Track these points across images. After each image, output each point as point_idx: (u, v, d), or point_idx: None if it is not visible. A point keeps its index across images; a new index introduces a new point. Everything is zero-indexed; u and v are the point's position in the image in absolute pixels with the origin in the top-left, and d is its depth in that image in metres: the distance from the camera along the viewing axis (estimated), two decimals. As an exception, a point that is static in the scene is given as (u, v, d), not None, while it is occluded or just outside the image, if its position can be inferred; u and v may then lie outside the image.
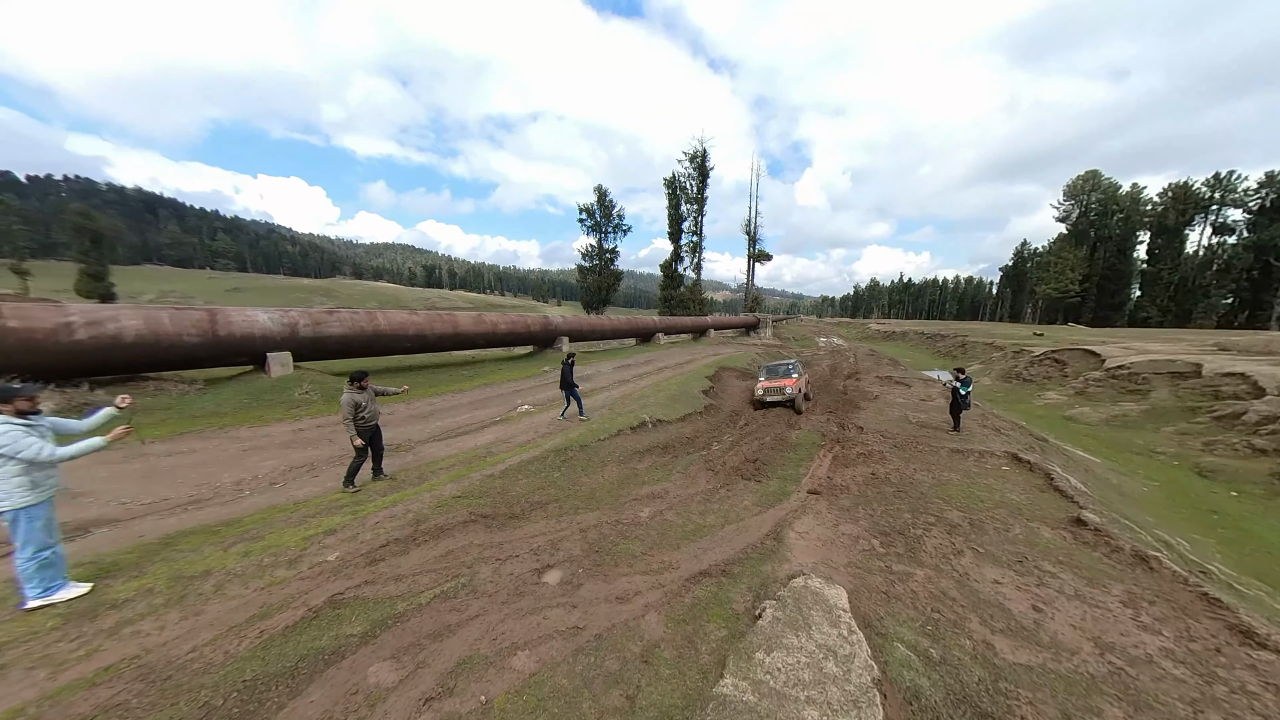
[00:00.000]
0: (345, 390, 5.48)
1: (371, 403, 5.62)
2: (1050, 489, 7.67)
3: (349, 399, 5.37)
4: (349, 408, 5.34)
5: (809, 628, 3.31)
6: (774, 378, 13.47)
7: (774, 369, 14.50)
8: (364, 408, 5.47)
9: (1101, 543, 5.73)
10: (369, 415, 5.54)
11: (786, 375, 13.49)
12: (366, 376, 5.62)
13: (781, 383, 12.70)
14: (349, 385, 5.52)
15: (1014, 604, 4.51)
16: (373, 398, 5.69)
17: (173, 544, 4.16)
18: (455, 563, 4.19)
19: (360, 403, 5.44)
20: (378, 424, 5.76)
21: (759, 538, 5.30)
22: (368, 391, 5.62)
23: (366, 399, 5.53)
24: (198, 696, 2.54)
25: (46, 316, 7.74)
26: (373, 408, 5.62)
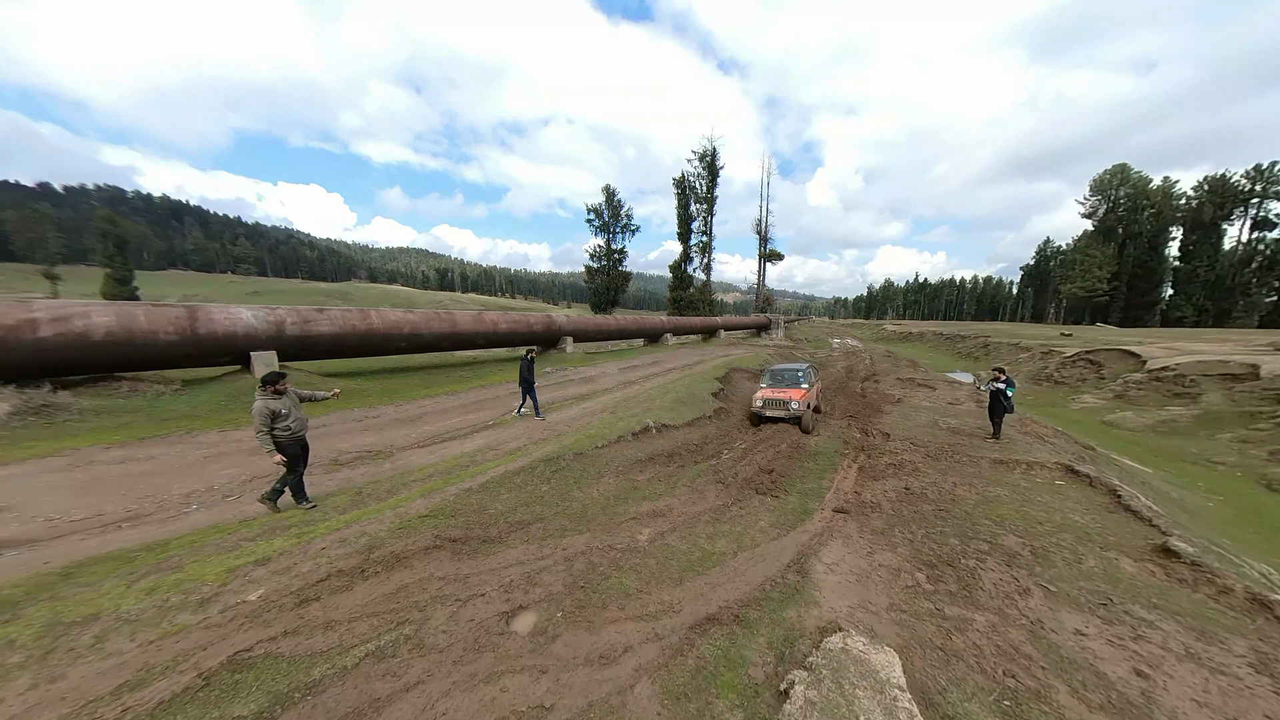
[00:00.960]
0: (257, 396, 4.48)
1: (296, 409, 4.70)
2: (1119, 509, 6.60)
3: (262, 407, 4.39)
4: (262, 417, 4.36)
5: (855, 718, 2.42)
6: (778, 386, 11.11)
7: (779, 374, 11.87)
8: (285, 416, 4.52)
9: (1203, 581, 4.69)
10: (294, 425, 4.59)
11: (794, 384, 11.05)
12: (284, 379, 4.66)
13: (787, 393, 10.31)
14: (260, 390, 4.50)
15: (1109, 666, 3.55)
16: (297, 404, 4.76)
17: (74, 575, 3.47)
18: (406, 603, 3.41)
19: (278, 410, 4.48)
20: (305, 435, 4.83)
21: (779, 570, 4.42)
22: (288, 396, 4.67)
23: (287, 405, 4.59)
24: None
25: (8, 312, 7.26)
26: (299, 415, 4.71)
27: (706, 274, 44.48)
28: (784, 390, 10.61)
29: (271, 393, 4.50)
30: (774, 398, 10.25)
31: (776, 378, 11.76)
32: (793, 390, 10.62)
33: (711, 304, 45.08)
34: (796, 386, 10.94)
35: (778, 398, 10.18)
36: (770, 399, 10.29)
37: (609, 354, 22.16)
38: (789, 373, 11.95)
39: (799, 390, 10.62)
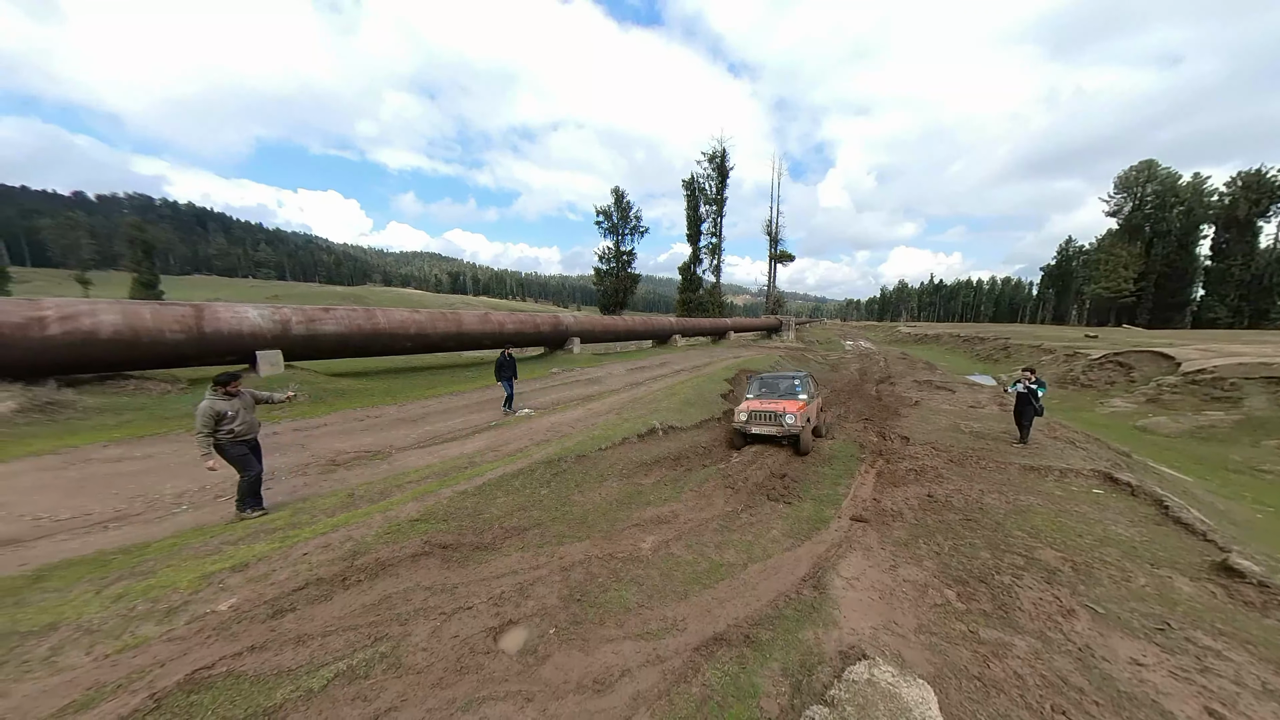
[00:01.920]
0: (206, 395, 4.28)
1: (248, 412, 4.48)
2: (1168, 521, 6.05)
3: (207, 407, 4.18)
4: (204, 418, 4.14)
5: (888, 768, 2.07)
6: (768, 396, 9.17)
7: (770, 383, 9.82)
8: (232, 419, 4.30)
9: (1273, 605, 4.18)
10: (239, 428, 4.34)
11: (789, 394, 9.10)
12: (237, 380, 4.43)
13: (780, 405, 8.36)
14: (211, 390, 4.30)
15: (1176, 704, 3.11)
16: (250, 406, 4.55)
17: (44, 579, 3.29)
18: (387, 615, 3.15)
19: (225, 412, 4.26)
20: (257, 439, 4.62)
21: (793, 584, 4.06)
22: (241, 398, 4.46)
23: (238, 407, 4.37)
24: None
25: (15, 310, 7.30)
26: (248, 418, 4.46)
27: (716, 276, 44.06)
28: (776, 401, 8.65)
29: (222, 394, 4.30)
30: (763, 409, 8.35)
31: (767, 387, 9.72)
32: (787, 402, 8.58)
33: (721, 306, 44.62)
34: (793, 397, 8.95)
35: (768, 409, 8.30)
36: (758, 411, 8.39)
37: (617, 355, 21.90)
38: (783, 381, 9.74)
39: (795, 402, 8.57)
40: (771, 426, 8.21)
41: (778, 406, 8.33)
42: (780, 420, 8.16)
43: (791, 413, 8.13)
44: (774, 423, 8.21)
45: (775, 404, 8.47)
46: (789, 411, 8.14)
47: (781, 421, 8.14)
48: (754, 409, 8.51)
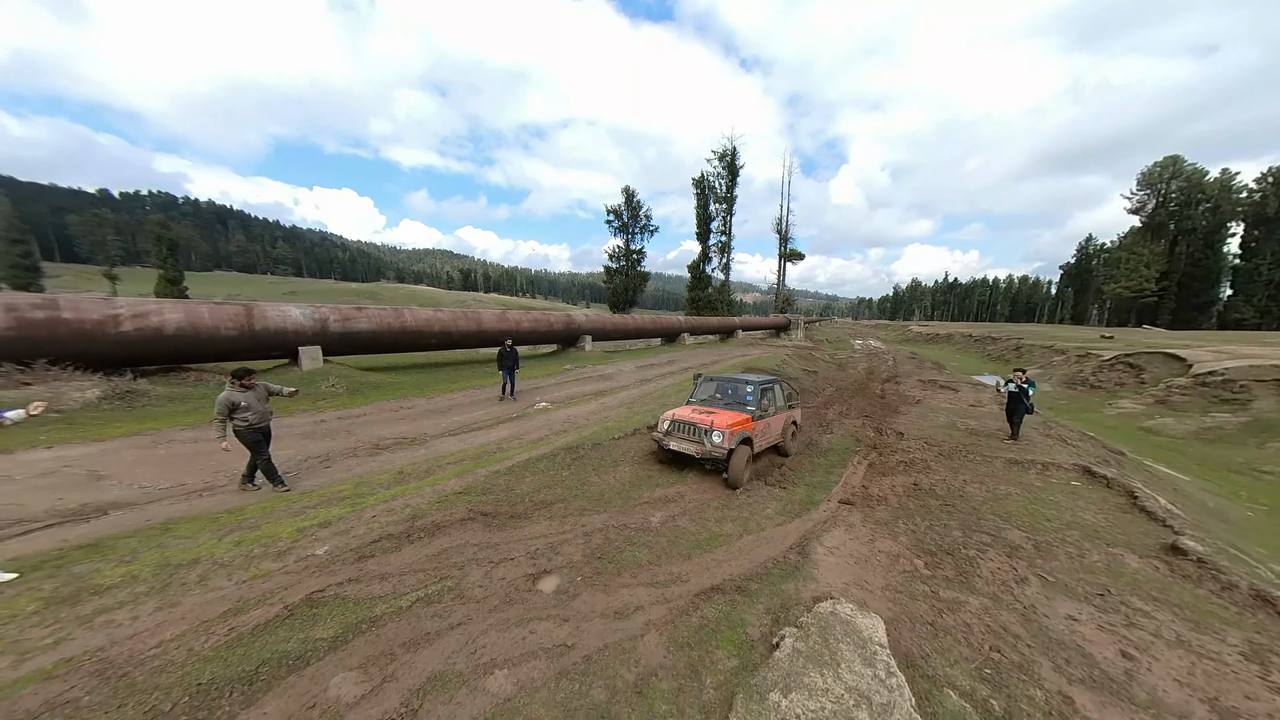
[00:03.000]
0: (226, 387, 4.89)
1: (261, 403, 5.05)
2: (1134, 509, 6.59)
3: (225, 398, 4.78)
4: (221, 406, 4.76)
5: (837, 665, 2.76)
6: (708, 404, 7.61)
7: (721, 387, 8.03)
8: (246, 408, 4.87)
9: (1208, 577, 4.75)
10: (254, 417, 4.91)
11: (736, 404, 7.42)
12: (251, 375, 4.99)
13: (709, 418, 6.61)
14: (230, 382, 4.89)
15: (1097, 648, 3.72)
16: (264, 398, 5.13)
17: (172, 529, 4.12)
18: (446, 563, 3.91)
19: (239, 403, 4.83)
20: (267, 427, 5.16)
21: (781, 551, 4.74)
22: (256, 391, 5.01)
23: (252, 399, 4.94)
24: (147, 699, 2.35)
25: (96, 309, 8.25)
26: (260, 408, 5.02)
27: (725, 274, 44.43)
28: (710, 413, 6.91)
29: (239, 386, 4.92)
30: (688, 421, 6.68)
31: (714, 391, 7.97)
32: (725, 415, 6.80)
33: (730, 304, 44.99)
34: (738, 408, 7.18)
35: (693, 421, 6.60)
36: (682, 422, 6.73)
37: (626, 353, 22.62)
38: (735, 387, 7.85)
39: (734, 416, 6.79)
40: (692, 444, 6.50)
41: (706, 420, 6.55)
42: (704, 437, 6.39)
43: (720, 430, 6.30)
44: (696, 439, 6.52)
45: (705, 416, 6.71)
46: (717, 428, 6.34)
47: (706, 439, 6.36)
48: (680, 418, 6.87)
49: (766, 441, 7.59)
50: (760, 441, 7.29)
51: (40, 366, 7.74)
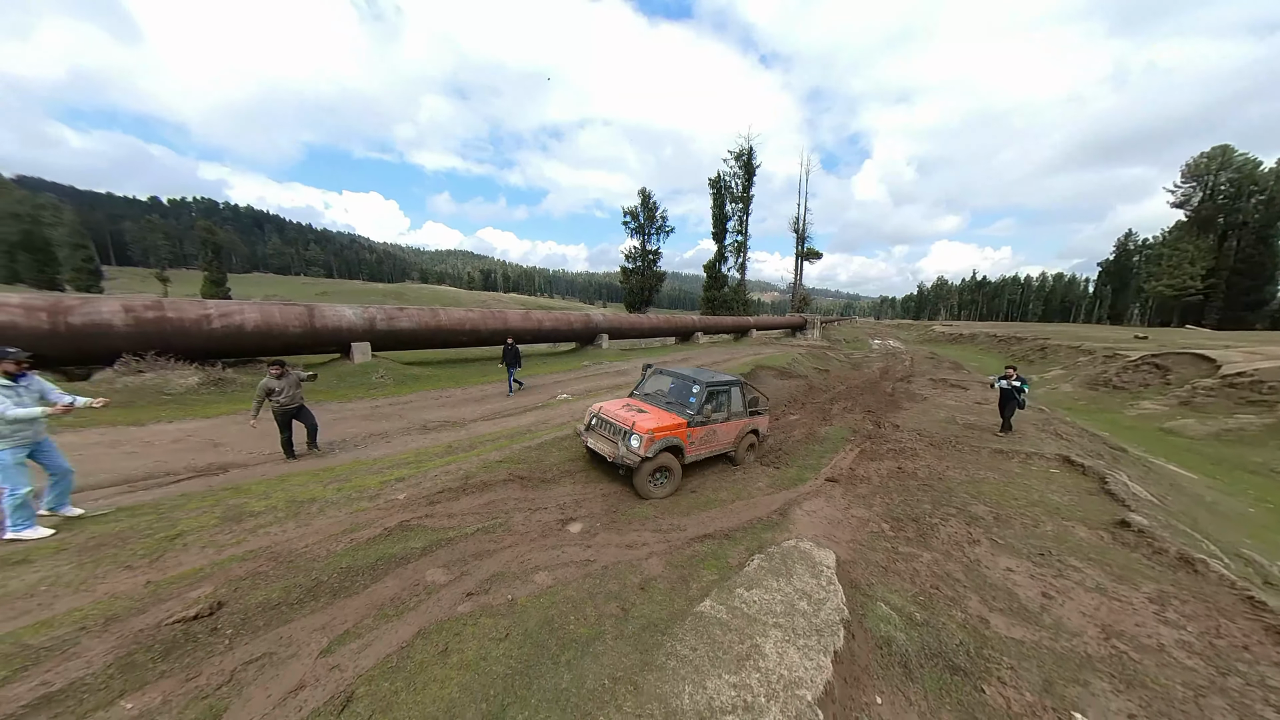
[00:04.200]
0: (266, 374, 6.06)
1: (292, 389, 6.06)
2: (1101, 493, 7.20)
3: (263, 384, 5.94)
4: (260, 390, 5.92)
5: (790, 576, 3.69)
6: (645, 400, 6.91)
7: (673, 384, 7.10)
8: (278, 393, 5.92)
9: (1143, 544, 5.43)
10: (285, 400, 5.99)
11: (675, 405, 6.58)
12: (283, 365, 6.05)
13: (634, 418, 5.89)
14: (269, 370, 6.00)
15: (1023, 590, 4.51)
16: (295, 384, 6.13)
17: (286, 480, 5.34)
18: (495, 509, 5.00)
19: (273, 388, 5.89)
20: (299, 406, 6.22)
21: (766, 513, 5.65)
22: (287, 378, 6.05)
23: (284, 385, 5.98)
24: (310, 573, 3.48)
25: (193, 309, 9.78)
26: (292, 393, 6.05)
27: (741, 273, 44.88)
28: (638, 411, 6.18)
29: (274, 375, 5.99)
30: (612, 418, 6.10)
31: (662, 385, 7.22)
32: (655, 416, 6.05)
33: (746, 304, 45.41)
34: (677, 410, 6.39)
35: (615, 420, 6.01)
36: (605, 420, 6.21)
37: (642, 351, 23.63)
38: (681, 384, 6.92)
39: (666, 419, 5.99)
40: (607, 444, 5.95)
41: (628, 419, 5.86)
42: (621, 439, 5.79)
43: (639, 435, 5.57)
44: (612, 439, 5.96)
45: (630, 415, 6.00)
46: (637, 431, 5.61)
47: (624, 443, 5.72)
48: (605, 413, 6.27)
49: (709, 450, 6.73)
50: (698, 449, 6.43)
51: (150, 357, 9.28)
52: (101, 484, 5.06)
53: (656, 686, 2.55)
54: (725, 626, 3.04)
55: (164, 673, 2.58)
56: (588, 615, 3.25)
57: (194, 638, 2.83)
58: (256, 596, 3.19)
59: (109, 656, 2.60)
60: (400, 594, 3.40)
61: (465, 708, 2.45)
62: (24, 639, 2.67)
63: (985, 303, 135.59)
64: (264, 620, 3.04)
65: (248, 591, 3.23)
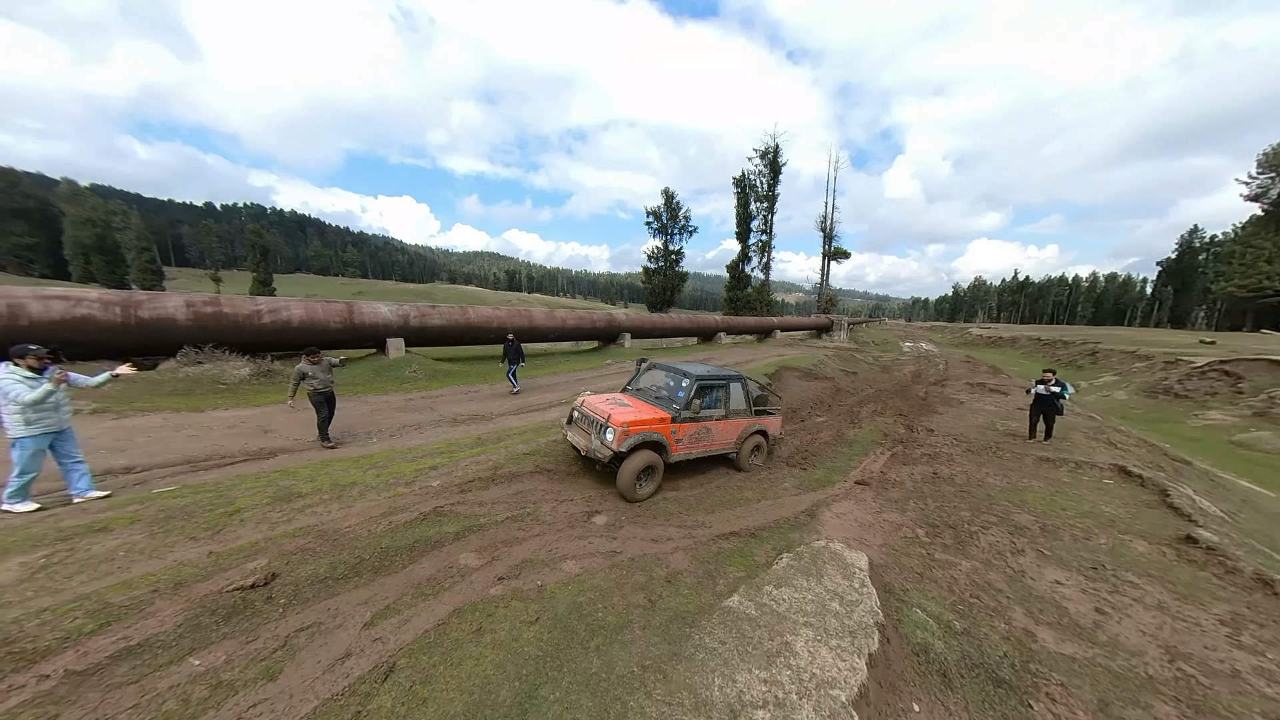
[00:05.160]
0: (301, 360, 6.48)
1: (325, 374, 6.43)
2: (1162, 506, 6.68)
3: (298, 368, 6.38)
4: (295, 374, 6.38)
5: (821, 576, 3.61)
6: (634, 395, 6.61)
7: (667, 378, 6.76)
8: (311, 377, 6.33)
9: (1213, 562, 5.00)
10: (318, 385, 6.38)
11: (662, 400, 6.23)
12: (318, 351, 6.48)
13: (612, 411, 5.60)
14: (304, 356, 6.46)
15: (1073, 604, 4.24)
16: (327, 370, 6.52)
17: (330, 465, 5.63)
18: (524, 499, 5.11)
19: (307, 373, 6.32)
20: (330, 393, 6.55)
21: (793, 513, 5.54)
22: (321, 364, 6.46)
23: (317, 370, 6.37)
24: (354, 552, 3.66)
25: (245, 305, 10.45)
26: (324, 378, 6.42)
27: (765, 274, 44.16)
28: (619, 405, 5.91)
29: (309, 361, 6.45)
30: (593, 412, 5.81)
31: (655, 381, 6.89)
32: (635, 409, 5.77)
33: (770, 304, 44.65)
34: (663, 405, 6.06)
35: (595, 414, 5.72)
36: (588, 415, 5.92)
37: (664, 350, 23.59)
38: (672, 379, 6.61)
39: (647, 413, 5.68)
40: (584, 434, 5.80)
41: (606, 412, 5.60)
42: (596, 432, 5.56)
43: (614, 428, 5.29)
44: (590, 433, 5.75)
45: (608, 408, 5.73)
46: (613, 424, 5.33)
47: (599, 435, 5.47)
48: (585, 407, 6.05)
49: (701, 449, 6.29)
50: (689, 448, 6.06)
51: (208, 350, 9.97)
52: (169, 463, 5.48)
53: (686, 676, 2.55)
54: (754, 623, 3.00)
55: (226, 635, 2.78)
56: (615, 604, 3.28)
57: (251, 605, 3.03)
58: (306, 570, 3.39)
59: (179, 617, 2.82)
60: (436, 575, 3.53)
61: (500, 685, 2.52)
62: (107, 598, 2.93)
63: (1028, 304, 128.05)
64: (313, 592, 3.22)
65: (298, 565, 3.43)
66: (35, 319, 7.90)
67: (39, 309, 8.02)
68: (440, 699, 2.42)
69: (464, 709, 2.36)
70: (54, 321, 8.00)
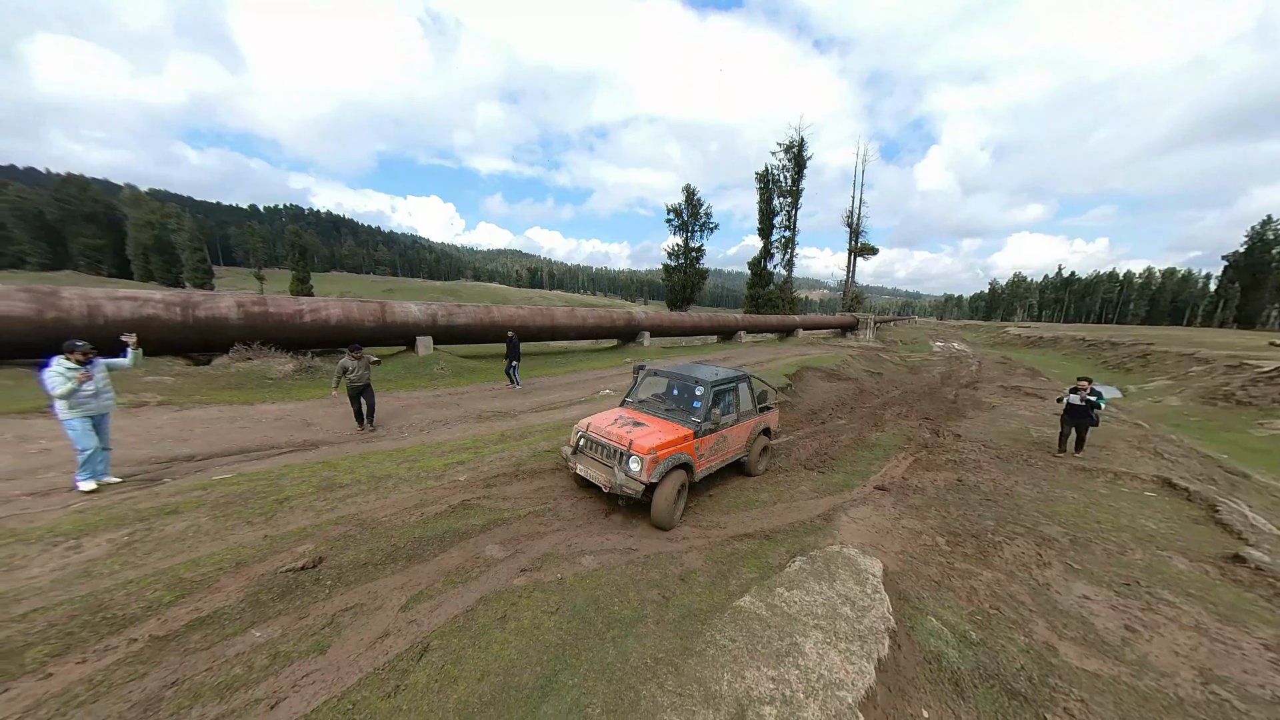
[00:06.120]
0: (344, 356, 7.24)
1: (363, 369, 7.23)
2: (1209, 522, 6.32)
3: (341, 363, 7.14)
4: (339, 368, 7.13)
5: (833, 580, 3.65)
6: (640, 409, 5.88)
7: (671, 385, 6.36)
8: (351, 371, 7.11)
9: (1262, 583, 4.73)
10: (355, 378, 7.17)
11: (678, 413, 5.71)
12: (360, 348, 7.28)
13: (630, 435, 4.90)
14: (348, 352, 7.23)
15: (1101, 620, 4.12)
16: (365, 366, 7.30)
17: (367, 458, 6.02)
18: (545, 495, 5.34)
19: (348, 366, 7.10)
20: (367, 384, 7.38)
21: (809, 516, 5.55)
22: (362, 360, 7.25)
23: (357, 365, 7.16)
24: (389, 540, 3.96)
25: (289, 305, 11.15)
26: (361, 373, 7.21)
27: (788, 270, 43.32)
28: (633, 425, 5.20)
29: (351, 356, 7.17)
30: (604, 438, 5.07)
31: (659, 390, 6.48)
32: (654, 429, 5.12)
33: (792, 302, 43.75)
34: (680, 418, 5.52)
35: (609, 440, 4.99)
36: (596, 440, 5.15)
37: (683, 349, 23.59)
38: (683, 386, 6.12)
39: (668, 432, 5.08)
40: (602, 470, 4.93)
41: (624, 437, 4.86)
42: (619, 462, 4.77)
43: (639, 456, 4.62)
44: (607, 464, 4.94)
45: (626, 431, 4.98)
46: (636, 453, 4.66)
47: (622, 465, 4.73)
48: (594, 432, 5.23)
49: (720, 460, 5.93)
50: (709, 461, 5.64)
51: (256, 346, 10.71)
52: (225, 452, 6.00)
53: (696, 670, 2.68)
54: (764, 623, 3.10)
55: (281, 610, 3.09)
56: (631, 599, 3.44)
57: (302, 585, 3.35)
58: (348, 555, 3.70)
59: (241, 593, 3.16)
60: (464, 564, 3.78)
61: (522, 669, 2.72)
62: (180, 573, 3.30)
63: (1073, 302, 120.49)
64: (355, 576, 3.52)
65: (341, 550, 3.75)
66: (110, 317, 8.71)
67: (113, 309, 8.83)
68: (469, 678, 2.64)
69: (490, 689, 2.57)
70: (125, 320, 8.79)
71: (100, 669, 2.54)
